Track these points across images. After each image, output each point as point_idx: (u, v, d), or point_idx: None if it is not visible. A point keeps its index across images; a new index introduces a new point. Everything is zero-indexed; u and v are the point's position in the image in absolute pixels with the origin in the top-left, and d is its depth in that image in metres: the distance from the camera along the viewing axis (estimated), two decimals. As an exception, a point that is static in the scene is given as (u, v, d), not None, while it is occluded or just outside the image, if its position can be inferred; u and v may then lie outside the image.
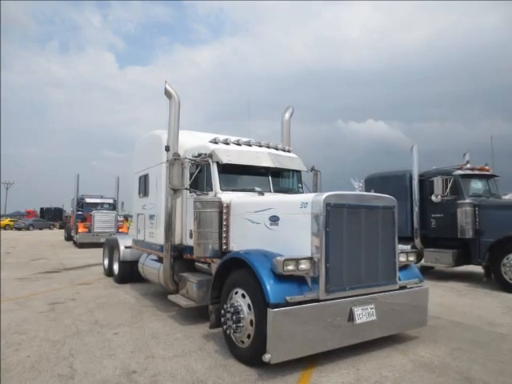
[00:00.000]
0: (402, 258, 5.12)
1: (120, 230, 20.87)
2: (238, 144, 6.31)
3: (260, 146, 6.55)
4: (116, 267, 9.67)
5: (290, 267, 4.06)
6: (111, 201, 24.33)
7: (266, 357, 3.81)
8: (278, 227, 4.74)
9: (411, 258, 5.28)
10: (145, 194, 7.92)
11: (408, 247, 9.25)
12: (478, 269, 9.99)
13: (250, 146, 6.43)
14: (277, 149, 6.79)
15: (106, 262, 10.56)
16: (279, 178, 6.64)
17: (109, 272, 10.29)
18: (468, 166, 10.33)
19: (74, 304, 7.22)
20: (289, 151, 7.03)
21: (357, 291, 4.45)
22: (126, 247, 9.17)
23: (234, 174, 6.10)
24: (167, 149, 6.14)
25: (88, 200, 23.99)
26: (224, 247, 5.53)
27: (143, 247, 7.97)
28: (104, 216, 20.80)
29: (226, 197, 5.65)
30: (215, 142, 6.13)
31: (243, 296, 4.39)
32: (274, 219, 4.79)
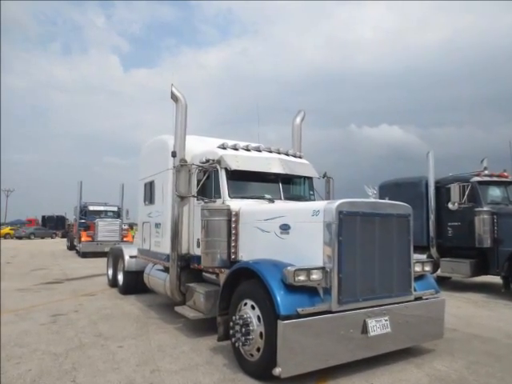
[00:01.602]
0: (418, 268, 5.03)
1: (125, 239, 20.62)
2: (248, 150, 6.20)
3: (270, 152, 6.44)
4: (120, 277, 9.54)
5: (301, 277, 3.98)
6: (115, 208, 23.93)
7: (277, 371, 3.73)
8: (289, 236, 4.65)
9: (427, 268, 5.18)
10: (150, 202, 7.84)
11: (424, 257, 9.16)
12: (496, 279, 9.84)
13: (260, 151, 6.33)
14: (287, 154, 6.68)
15: (111, 272, 10.45)
16: (290, 185, 6.55)
17: (113, 282, 10.17)
18: (486, 172, 10.18)
19: (76, 316, 7.09)
20: (300, 157, 6.94)
21: (370, 302, 4.35)
22: (131, 257, 9.04)
23: (243, 180, 5.99)
24: (174, 154, 6.06)
25: (91, 208, 23.56)
26: (233, 257, 5.42)
27: (149, 257, 7.87)
28: (108, 224, 20.56)
29: (235, 204, 5.55)
30: (223, 147, 6.03)
31: (253, 307, 4.29)
32: (285, 228, 4.70)
